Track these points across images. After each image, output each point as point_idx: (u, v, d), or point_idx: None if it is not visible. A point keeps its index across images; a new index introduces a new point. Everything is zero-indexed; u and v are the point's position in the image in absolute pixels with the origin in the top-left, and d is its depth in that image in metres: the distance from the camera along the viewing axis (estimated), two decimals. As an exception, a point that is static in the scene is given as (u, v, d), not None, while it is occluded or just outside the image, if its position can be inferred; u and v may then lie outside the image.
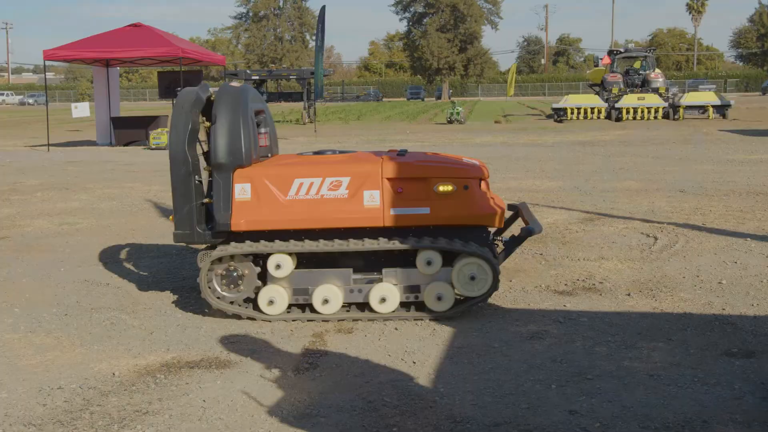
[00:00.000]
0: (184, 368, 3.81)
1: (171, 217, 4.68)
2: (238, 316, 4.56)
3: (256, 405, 3.35)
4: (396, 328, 4.37)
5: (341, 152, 4.91)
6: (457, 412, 3.23)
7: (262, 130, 4.87)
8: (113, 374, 3.74)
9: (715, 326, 4.30)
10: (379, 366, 3.80)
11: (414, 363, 3.83)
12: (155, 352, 4.06)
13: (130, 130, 19.93)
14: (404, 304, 4.56)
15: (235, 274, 4.51)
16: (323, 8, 11.48)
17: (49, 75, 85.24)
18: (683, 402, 3.29)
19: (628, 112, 26.36)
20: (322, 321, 4.52)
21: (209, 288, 4.52)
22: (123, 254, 6.44)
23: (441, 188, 4.47)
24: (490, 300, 4.86)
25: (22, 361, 3.95)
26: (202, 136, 4.63)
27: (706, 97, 27.42)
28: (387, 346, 4.08)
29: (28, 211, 8.86)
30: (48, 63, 19.02)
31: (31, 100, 73.71)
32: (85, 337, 4.33)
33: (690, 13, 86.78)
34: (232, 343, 4.18)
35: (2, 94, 78.55)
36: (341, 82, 70.21)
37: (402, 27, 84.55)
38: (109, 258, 6.31)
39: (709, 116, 26.23)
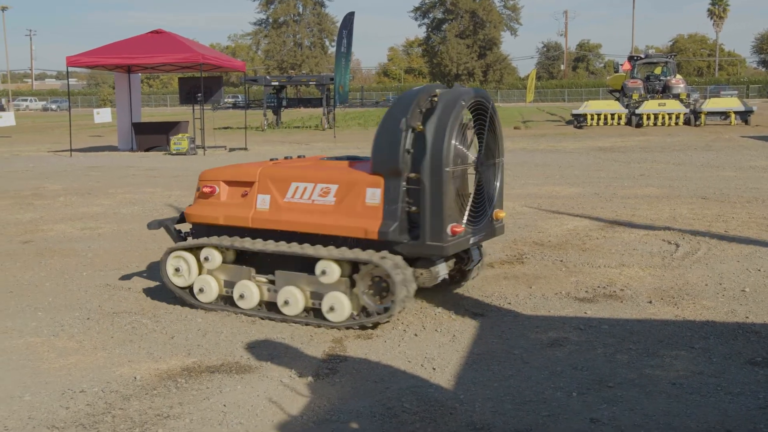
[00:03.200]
0: (204, 373, 3.83)
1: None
2: (259, 320, 4.58)
3: (276, 410, 3.36)
4: (415, 334, 4.37)
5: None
6: (477, 419, 3.22)
7: None
8: (135, 378, 3.76)
9: (739, 334, 4.26)
10: (399, 372, 3.80)
11: (434, 369, 3.82)
12: (176, 357, 4.08)
13: (151, 136, 20.09)
14: None
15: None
16: (352, 14, 11.44)
17: (72, 81, 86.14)
18: (706, 411, 3.26)
19: (648, 118, 26.19)
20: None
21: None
22: (144, 259, 6.49)
23: None
24: (510, 306, 4.86)
25: (45, 364, 3.99)
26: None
27: (728, 103, 27.17)
28: (407, 352, 4.08)
29: (51, 216, 8.95)
30: (71, 69, 19.23)
31: (54, 106, 74.52)
32: (107, 341, 4.36)
33: (711, 18, 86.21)
34: (252, 347, 4.19)
35: (26, 100, 79.59)
36: (360, 87, 70.36)
37: (421, 33, 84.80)
38: (131, 262, 6.36)
39: (731, 122, 26.00)
